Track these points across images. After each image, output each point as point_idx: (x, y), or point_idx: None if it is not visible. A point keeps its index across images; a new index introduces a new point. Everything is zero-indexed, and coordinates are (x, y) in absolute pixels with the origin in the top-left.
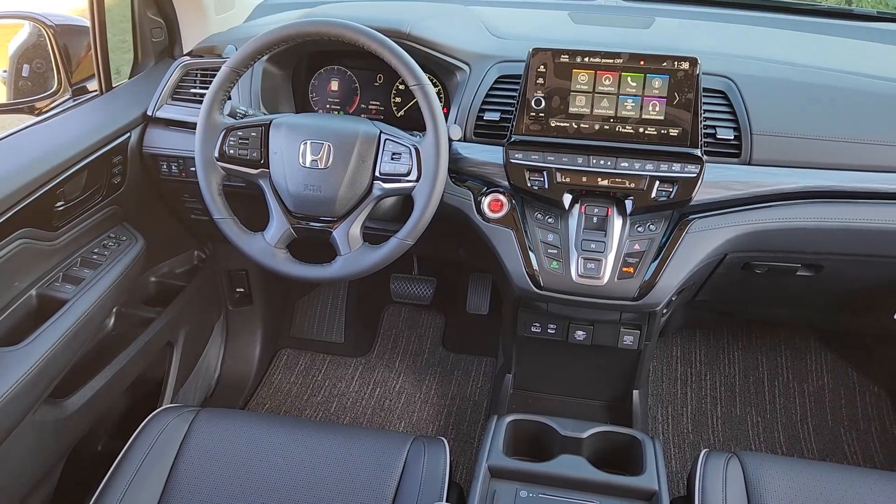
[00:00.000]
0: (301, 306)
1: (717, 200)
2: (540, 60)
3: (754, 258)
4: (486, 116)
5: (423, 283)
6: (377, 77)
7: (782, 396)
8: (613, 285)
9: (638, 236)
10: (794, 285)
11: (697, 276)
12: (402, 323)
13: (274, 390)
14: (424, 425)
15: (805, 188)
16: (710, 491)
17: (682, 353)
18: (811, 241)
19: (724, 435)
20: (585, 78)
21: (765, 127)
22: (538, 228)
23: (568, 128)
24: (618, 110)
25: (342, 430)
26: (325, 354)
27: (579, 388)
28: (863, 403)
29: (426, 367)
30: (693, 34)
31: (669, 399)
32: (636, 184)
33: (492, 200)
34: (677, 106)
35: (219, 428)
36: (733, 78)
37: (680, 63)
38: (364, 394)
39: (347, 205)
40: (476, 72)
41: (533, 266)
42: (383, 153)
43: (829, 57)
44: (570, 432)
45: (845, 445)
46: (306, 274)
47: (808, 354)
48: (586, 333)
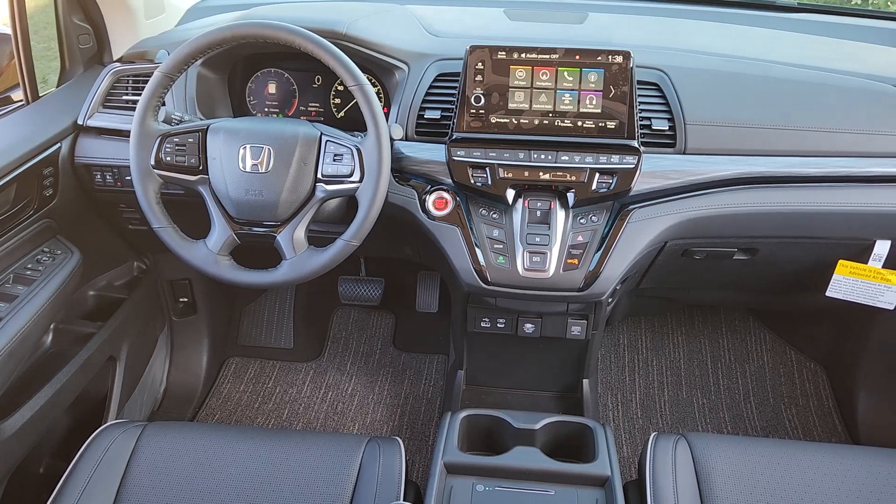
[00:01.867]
0: (248, 313)
1: (655, 190)
2: (478, 58)
3: (693, 244)
4: (427, 115)
5: (372, 283)
6: (315, 78)
7: (725, 377)
8: (559, 277)
9: (581, 228)
10: (731, 269)
11: (640, 264)
12: (351, 325)
13: (223, 400)
14: (379, 426)
15: (737, 175)
16: (660, 473)
17: (629, 340)
18: (746, 225)
19: (672, 418)
20: (523, 74)
21: (697, 116)
22: (483, 224)
23: (508, 124)
24: (556, 105)
25: (295, 435)
26: (274, 361)
27: (531, 381)
28: (801, 380)
29: (378, 367)
30: (626, 28)
31: (618, 386)
32: (577, 177)
33: (436, 198)
34: (613, 99)
35: (167, 441)
36: (665, 70)
37: (614, 57)
38: (316, 398)
39: (290, 208)
40: (415, 71)
41: (480, 262)
42: (325, 155)
43: (755, 47)
44: (523, 424)
45: (786, 421)
46: (251, 280)
47: (747, 335)
48: (535, 326)
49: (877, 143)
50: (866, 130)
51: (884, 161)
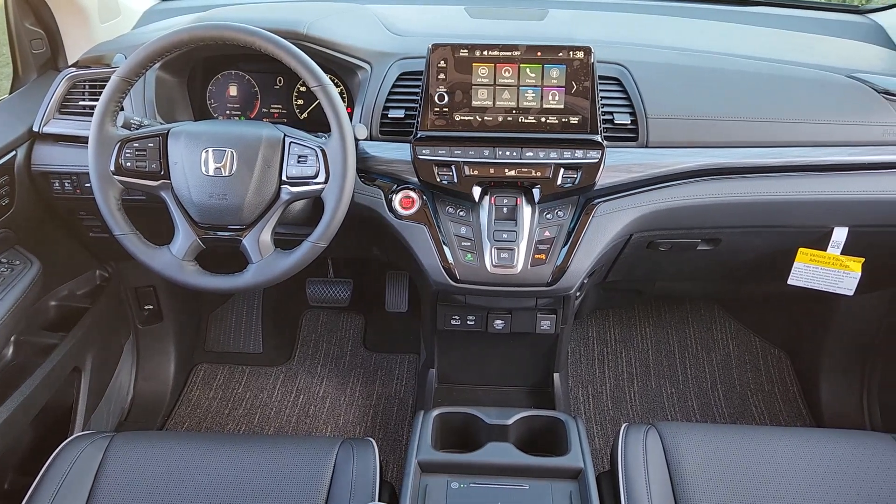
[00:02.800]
0: (215, 319)
1: (619, 183)
2: (440, 56)
3: (657, 236)
4: (391, 114)
5: (340, 285)
6: (277, 80)
7: (693, 367)
8: (527, 273)
9: (547, 223)
10: (695, 259)
11: (606, 257)
12: (321, 327)
13: (192, 407)
14: (351, 428)
15: (698, 166)
16: (631, 463)
17: (598, 333)
18: (708, 216)
19: (643, 408)
20: (486, 71)
21: (658, 110)
22: (450, 222)
23: (472, 121)
24: (519, 101)
25: (267, 440)
26: (243, 366)
27: (502, 376)
28: (766, 366)
29: (349, 369)
30: (586, 24)
31: (589, 379)
32: (542, 172)
33: (403, 197)
34: (575, 94)
35: (136, 452)
36: (626, 65)
37: (575, 53)
38: (287, 402)
39: (255, 211)
40: (377, 70)
41: (448, 260)
42: (289, 157)
43: (712, 40)
44: (495, 420)
45: (753, 407)
46: (218, 285)
47: (713, 325)
48: (505, 322)
49: (831, 133)
50: (821, 120)
51: (838, 150)
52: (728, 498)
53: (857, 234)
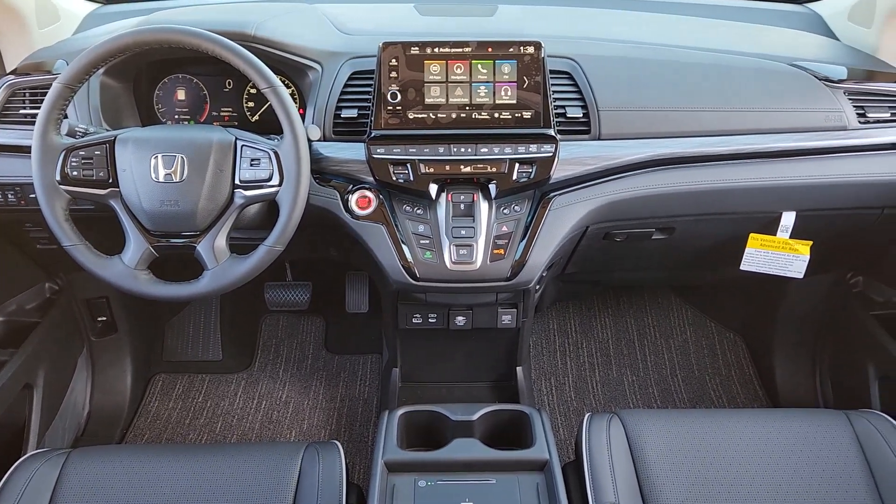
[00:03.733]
0: (172, 327)
1: (574, 176)
2: (391, 54)
3: (613, 227)
4: (344, 114)
5: (299, 288)
6: (226, 82)
7: (652, 354)
8: (487, 268)
9: (504, 218)
10: (651, 249)
11: (564, 250)
12: (281, 331)
13: (152, 419)
14: (316, 431)
15: (650, 157)
16: (596, 452)
17: (559, 325)
18: (662, 205)
19: (605, 397)
20: (437, 68)
21: (609, 103)
22: (408, 220)
23: (426, 119)
24: (472, 98)
25: (230, 449)
26: (203, 374)
27: (466, 373)
28: (722, 350)
29: (311, 372)
30: (536, 18)
31: (551, 371)
32: (497, 168)
33: (359, 197)
34: (527, 89)
35: (94, 468)
36: (576, 59)
37: (525, 48)
38: (250, 409)
39: (209, 217)
40: (328, 70)
41: (407, 258)
42: (241, 160)
43: (660, 32)
44: (460, 416)
45: (711, 391)
46: (173, 293)
47: (670, 312)
48: (466, 318)
49: (776, 120)
50: (766, 108)
51: (783, 137)
52: (690, 482)
53: (804, 217)
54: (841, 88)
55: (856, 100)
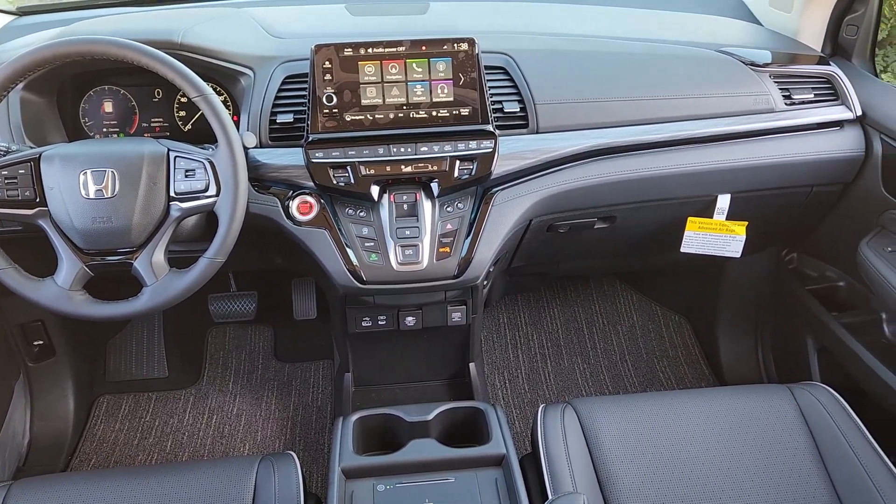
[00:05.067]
0: (114, 347)
1: (514, 171)
2: (324, 56)
3: (556, 219)
4: (280, 119)
5: (244, 298)
6: (155, 92)
7: (601, 341)
8: (433, 267)
9: (448, 216)
10: (594, 238)
11: (509, 244)
12: (228, 343)
13: (98, 443)
14: (270, 443)
15: (588, 148)
16: (551, 443)
17: (508, 318)
18: (602, 195)
19: (558, 387)
20: (372, 69)
21: (545, 96)
22: (351, 224)
23: (363, 120)
24: (409, 97)
25: (182, 467)
26: (149, 392)
27: (419, 373)
28: (668, 333)
29: (262, 383)
30: (468, 15)
31: (504, 364)
32: (438, 166)
33: (300, 203)
34: (464, 86)
35: (38, 498)
36: (510, 54)
37: (459, 44)
38: (200, 424)
39: (145, 232)
40: (261, 75)
41: (352, 262)
42: (175, 172)
43: (591, 24)
44: (415, 417)
45: (660, 373)
46: (112, 312)
47: (616, 298)
48: (416, 318)
49: (707, 106)
50: (697, 94)
51: (714, 121)
52: (645, 465)
53: (738, 199)
54: (766, 72)
55: (781, 82)
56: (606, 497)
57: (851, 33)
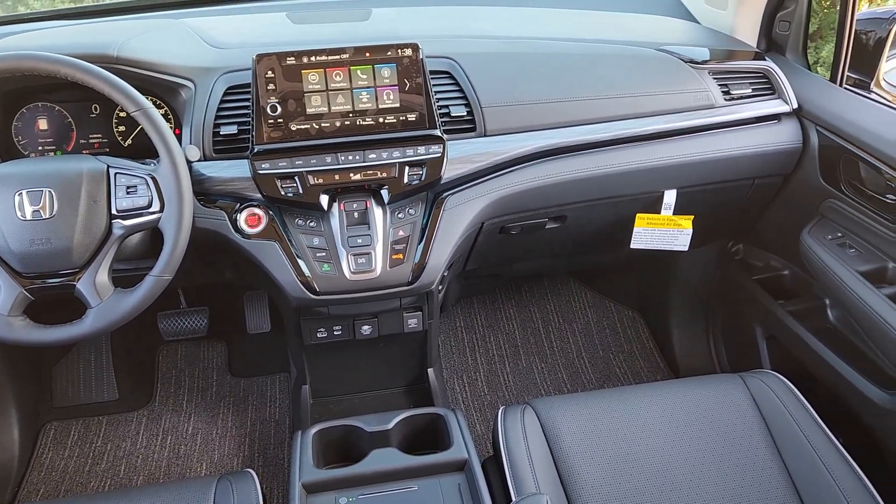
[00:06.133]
0: (60, 371)
1: (464, 175)
2: (266, 66)
3: (508, 221)
4: (223, 131)
5: (195, 314)
6: (92, 108)
7: (557, 339)
8: (387, 274)
9: (400, 222)
10: (546, 238)
11: (462, 248)
12: (180, 361)
13: (46, 472)
14: (228, 461)
15: (535, 149)
16: (513, 444)
17: (465, 322)
18: (551, 195)
19: (517, 388)
20: (316, 77)
21: (491, 99)
22: (302, 234)
23: (310, 129)
24: (354, 104)
25: (136, 492)
26: (99, 416)
27: (377, 381)
28: (622, 328)
29: (217, 400)
30: (411, 20)
31: (463, 368)
32: (387, 172)
33: (248, 216)
34: (409, 91)
35: None
36: (455, 58)
37: (403, 50)
38: (154, 446)
39: (87, 252)
40: (202, 87)
41: (304, 273)
42: (116, 189)
43: (534, 26)
44: (375, 427)
45: (616, 368)
46: (55, 337)
47: (571, 297)
48: (372, 327)
49: (649, 103)
50: (639, 93)
51: (658, 119)
52: (605, 461)
53: (684, 194)
54: (705, 69)
55: (720, 78)
56: (569, 495)
57: (784, 29)
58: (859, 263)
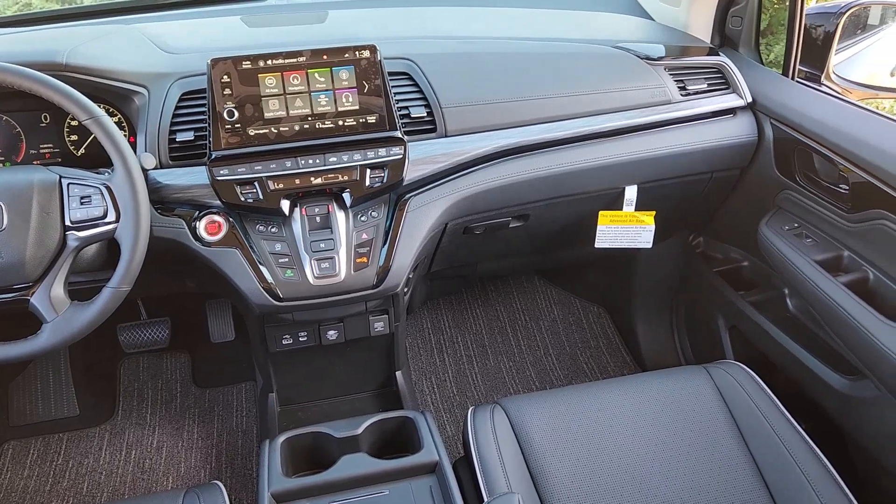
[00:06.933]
0: (17, 389)
1: (426, 176)
2: (222, 71)
3: (471, 221)
4: (179, 138)
5: (156, 325)
6: (42, 117)
7: (524, 338)
8: (352, 278)
9: (363, 226)
10: (510, 237)
11: (426, 249)
12: (143, 373)
13: (5, 493)
14: (195, 473)
15: (498, 148)
16: (483, 444)
17: (432, 323)
18: (514, 194)
19: (486, 387)
20: (273, 81)
21: (451, 99)
22: (263, 241)
23: (268, 134)
24: (313, 108)
25: None
26: (60, 433)
27: (345, 386)
28: (588, 324)
29: (182, 411)
30: (368, 22)
31: (431, 369)
32: (349, 175)
33: (207, 223)
34: (368, 93)
35: None
36: (413, 59)
37: (361, 52)
38: (118, 461)
39: (40, 265)
40: (156, 93)
41: (267, 280)
42: (69, 199)
43: (492, 26)
44: (344, 432)
45: (584, 364)
46: (9, 354)
47: (536, 295)
48: (338, 332)
49: (607, 100)
50: (597, 90)
51: (616, 116)
52: (576, 457)
53: (644, 189)
54: (661, 65)
55: (676, 74)
56: (541, 493)
57: (737, 24)
58: (816, 253)
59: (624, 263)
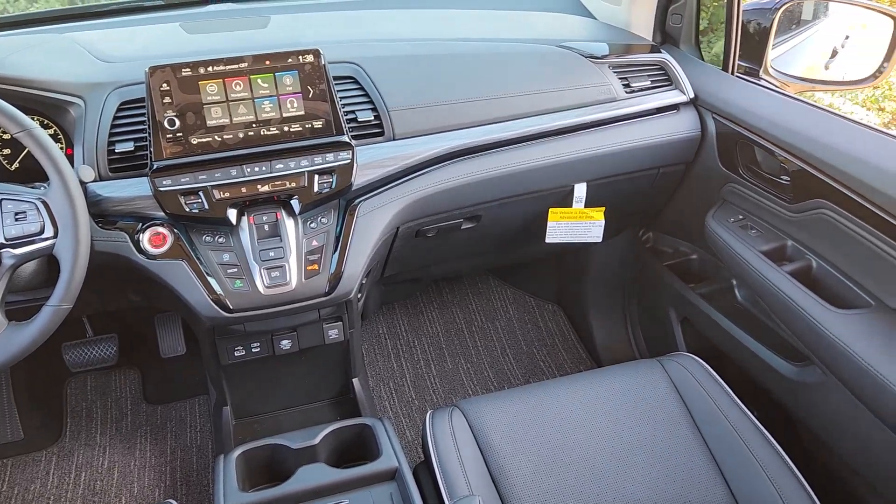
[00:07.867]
0: None
1: (376, 180)
2: (161, 79)
3: (423, 224)
4: (119, 148)
5: (103, 342)
6: None
7: (481, 339)
8: (303, 287)
9: (313, 232)
10: (462, 238)
11: (379, 254)
12: (90, 393)
13: None
14: (149, 493)
15: (446, 150)
16: (443, 448)
17: (388, 328)
18: (465, 195)
19: (444, 390)
20: (215, 88)
21: (398, 102)
22: (210, 251)
23: (211, 142)
24: (257, 114)
25: None
26: (3, 459)
27: (302, 396)
28: (544, 321)
29: (133, 430)
30: (311, 26)
31: (388, 375)
32: (296, 182)
33: (151, 235)
34: (313, 98)
35: None
36: (358, 62)
37: (304, 57)
38: (67, 485)
39: None
40: (92, 103)
41: (216, 291)
42: (3, 216)
43: (437, 27)
44: (301, 443)
45: (541, 362)
46: None
47: (491, 295)
48: (291, 341)
49: (553, 99)
50: (544, 90)
51: (562, 114)
52: (536, 456)
53: (593, 186)
54: (605, 63)
55: (620, 72)
56: (502, 494)
57: (677, 21)
58: (761, 243)
59: (576, 260)
